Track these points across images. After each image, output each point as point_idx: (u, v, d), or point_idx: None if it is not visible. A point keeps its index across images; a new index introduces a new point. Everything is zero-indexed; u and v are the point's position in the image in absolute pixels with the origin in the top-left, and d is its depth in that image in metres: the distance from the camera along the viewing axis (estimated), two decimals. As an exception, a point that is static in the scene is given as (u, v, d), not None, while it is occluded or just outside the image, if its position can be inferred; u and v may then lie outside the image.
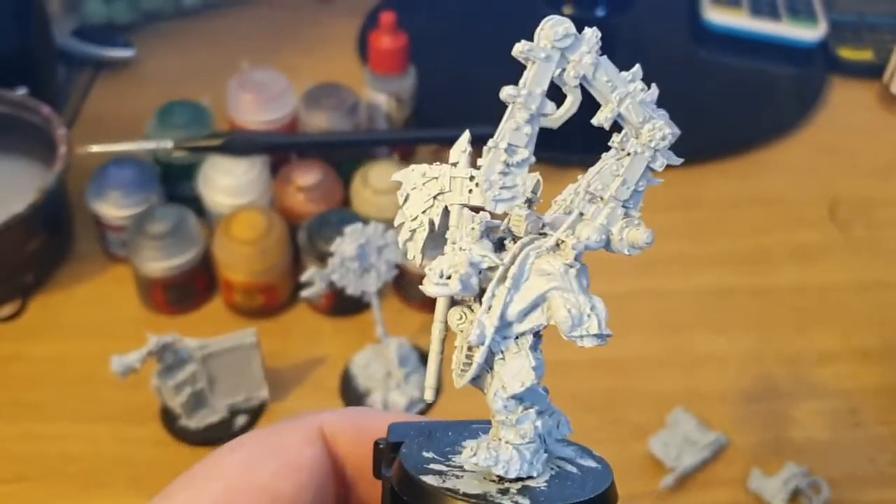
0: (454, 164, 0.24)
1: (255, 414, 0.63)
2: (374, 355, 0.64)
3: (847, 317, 0.71)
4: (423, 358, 0.65)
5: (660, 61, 0.93)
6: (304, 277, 0.62)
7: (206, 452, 0.60)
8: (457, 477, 0.24)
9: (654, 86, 0.24)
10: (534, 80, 0.23)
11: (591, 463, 0.26)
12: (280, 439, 0.26)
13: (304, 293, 0.62)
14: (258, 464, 0.25)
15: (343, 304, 0.67)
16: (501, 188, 0.23)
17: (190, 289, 0.68)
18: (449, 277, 0.23)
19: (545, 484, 0.24)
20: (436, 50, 0.89)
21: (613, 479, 0.25)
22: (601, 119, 0.23)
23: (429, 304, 0.68)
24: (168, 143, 0.71)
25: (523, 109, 0.23)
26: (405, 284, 0.68)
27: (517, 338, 0.23)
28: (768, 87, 0.92)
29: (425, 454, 0.25)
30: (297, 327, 0.69)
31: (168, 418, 0.62)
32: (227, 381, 0.61)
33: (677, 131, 0.23)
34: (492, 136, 0.23)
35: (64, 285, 0.71)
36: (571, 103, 0.24)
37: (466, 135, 0.24)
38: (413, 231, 0.25)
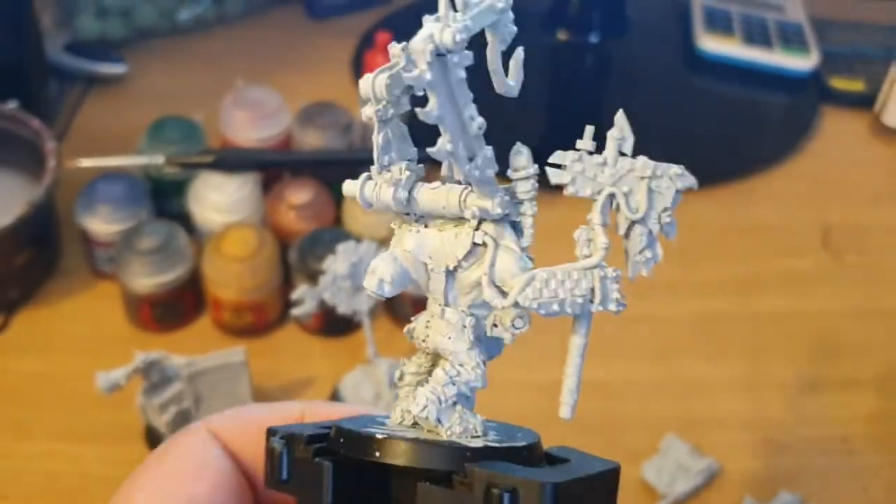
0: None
1: (242, 434, 0.62)
2: (364, 376, 0.64)
3: (839, 344, 0.70)
4: (414, 379, 0.64)
5: (653, 88, 0.94)
6: (294, 295, 0.61)
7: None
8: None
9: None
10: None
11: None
12: (180, 448, 0.27)
13: (295, 312, 0.61)
14: (169, 474, 0.26)
15: (333, 324, 0.67)
16: None
17: (178, 306, 0.67)
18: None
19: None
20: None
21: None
22: None
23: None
24: (160, 159, 0.70)
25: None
26: (397, 304, 0.68)
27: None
28: (761, 115, 0.92)
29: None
30: (287, 346, 0.68)
31: (152, 438, 0.61)
32: (214, 400, 0.60)
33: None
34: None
35: (50, 301, 0.70)
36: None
37: None
38: None
